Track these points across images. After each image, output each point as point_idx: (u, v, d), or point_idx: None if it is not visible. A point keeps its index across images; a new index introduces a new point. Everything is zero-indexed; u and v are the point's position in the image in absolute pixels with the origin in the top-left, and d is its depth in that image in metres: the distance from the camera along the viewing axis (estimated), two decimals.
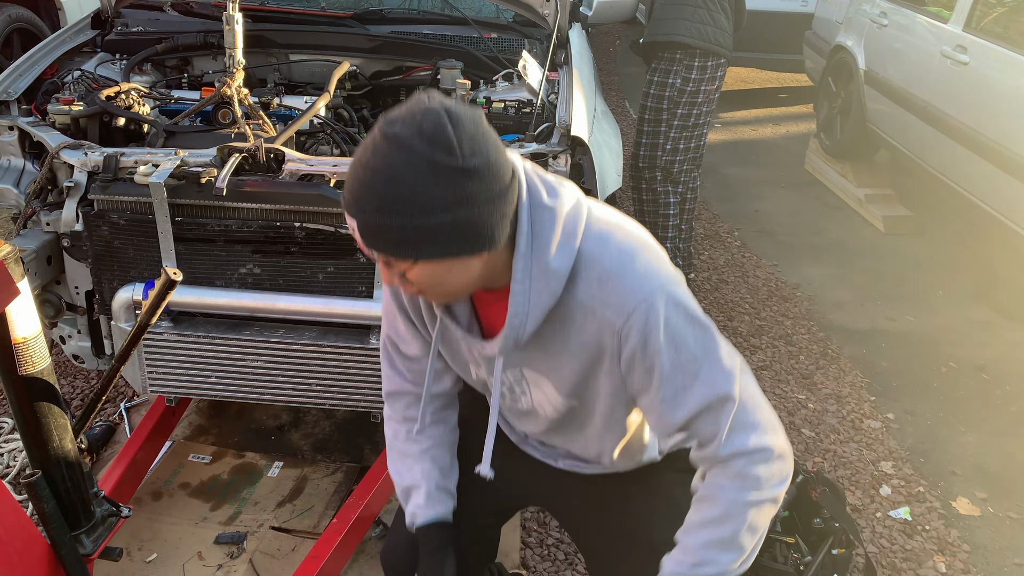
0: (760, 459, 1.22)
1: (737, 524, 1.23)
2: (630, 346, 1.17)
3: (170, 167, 2.00)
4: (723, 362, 1.20)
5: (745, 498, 1.22)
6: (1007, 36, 3.90)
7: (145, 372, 2.13)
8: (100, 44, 2.86)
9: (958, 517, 2.58)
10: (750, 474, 1.22)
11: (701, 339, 1.18)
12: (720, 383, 1.19)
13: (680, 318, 1.17)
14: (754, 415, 1.22)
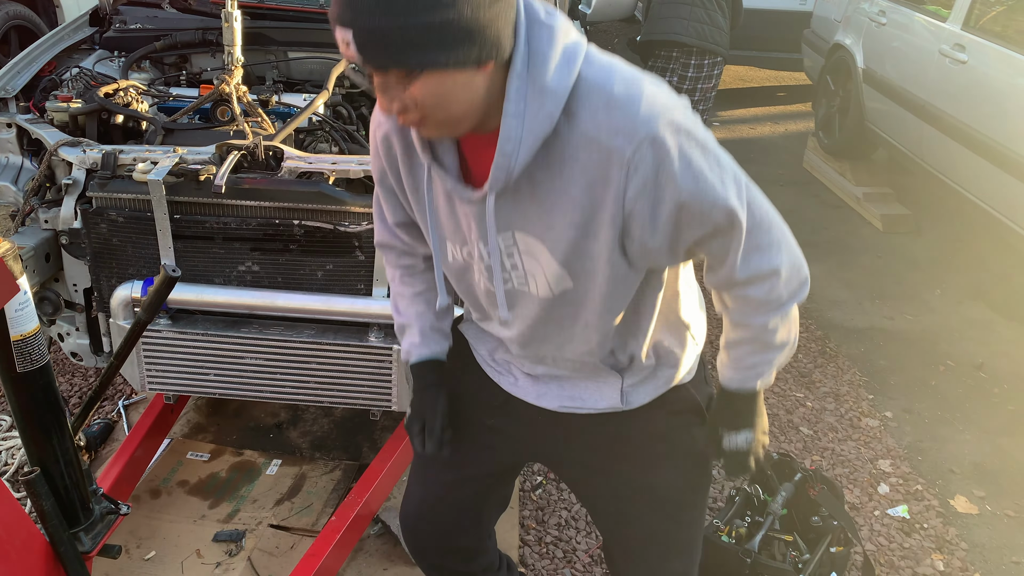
0: (778, 280, 1.23)
1: (771, 336, 1.30)
2: (639, 178, 1.09)
3: (169, 164, 1.99)
4: (736, 184, 1.16)
5: (772, 318, 1.27)
6: (1005, 35, 3.90)
7: (143, 370, 2.13)
8: (98, 41, 2.85)
9: (956, 515, 2.59)
10: (770, 299, 1.25)
11: (715, 165, 1.13)
12: (732, 204, 1.15)
13: (693, 145, 1.11)
14: (768, 234, 1.21)
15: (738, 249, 1.19)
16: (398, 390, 2.10)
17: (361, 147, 2.38)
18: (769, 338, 1.31)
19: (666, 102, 1.10)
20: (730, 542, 2.11)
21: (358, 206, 2.02)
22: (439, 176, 1.19)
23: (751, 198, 1.19)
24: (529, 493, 2.56)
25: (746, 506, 2.26)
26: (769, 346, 1.32)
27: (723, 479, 2.66)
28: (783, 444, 2.87)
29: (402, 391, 2.10)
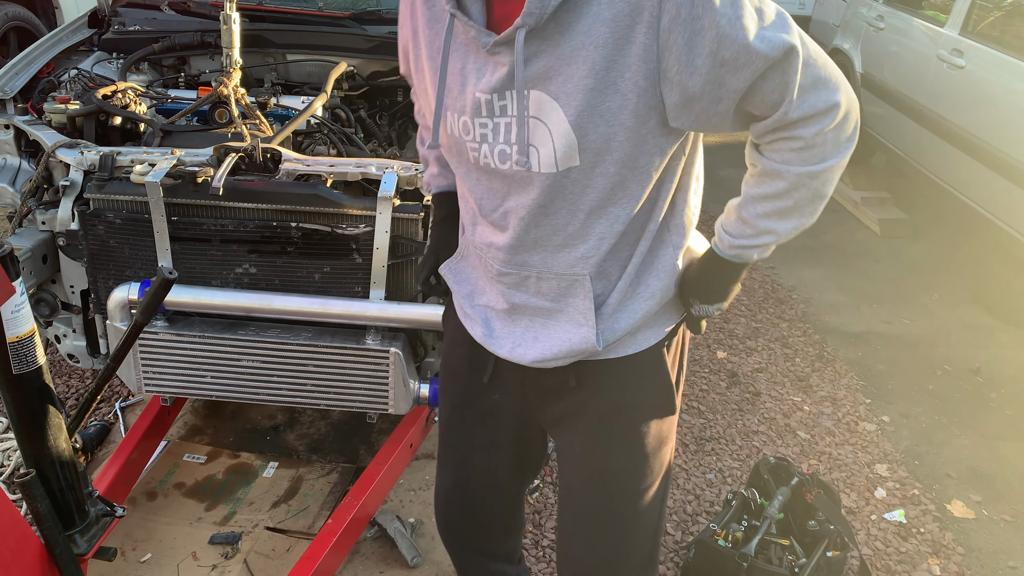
0: (831, 120, 1.14)
1: (802, 194, 1.19)
2: (672, 4, 1.04)
3: (166, 166, 1.99)
4: (779, 13, 1.10)
5: (814, 169, 1.17)
6: (1003, 40, 3.91)
7: (140, 372, 2.13)
8: (97, 43, 2.86)
9: (953, 520, 2.59)
10: (819, 142, 1.15)
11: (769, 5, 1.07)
12: (785, 33, 1.08)
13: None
14: (823, 68, 1.12)
15: (794, 84, 1.10)
16: (395, 393, 2.10)
17: (359, 150, 2.39)
18: (798, 196, 1.19)
19: None
20: (726, 546, 2.11)
21: (356, 208, 2.02)
22: (461, 25, 1.16)
23: (800, 31, 1.11)
24: (527, 496, 2.56)
25: (743, 510, 2.26)
26: (791, 211, 1.21)
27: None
28: (780, 448, 2.87)
29: (398, 394, 2.10)
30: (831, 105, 1.13)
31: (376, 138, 2.64)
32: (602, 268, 1.28)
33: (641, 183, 1.21)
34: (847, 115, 1.15)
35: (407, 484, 2.57)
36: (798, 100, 1.12)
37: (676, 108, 1.13)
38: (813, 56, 1.12)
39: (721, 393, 3.17)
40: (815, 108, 1.13)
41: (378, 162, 2.09)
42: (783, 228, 1.23)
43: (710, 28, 1.05)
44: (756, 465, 2.43)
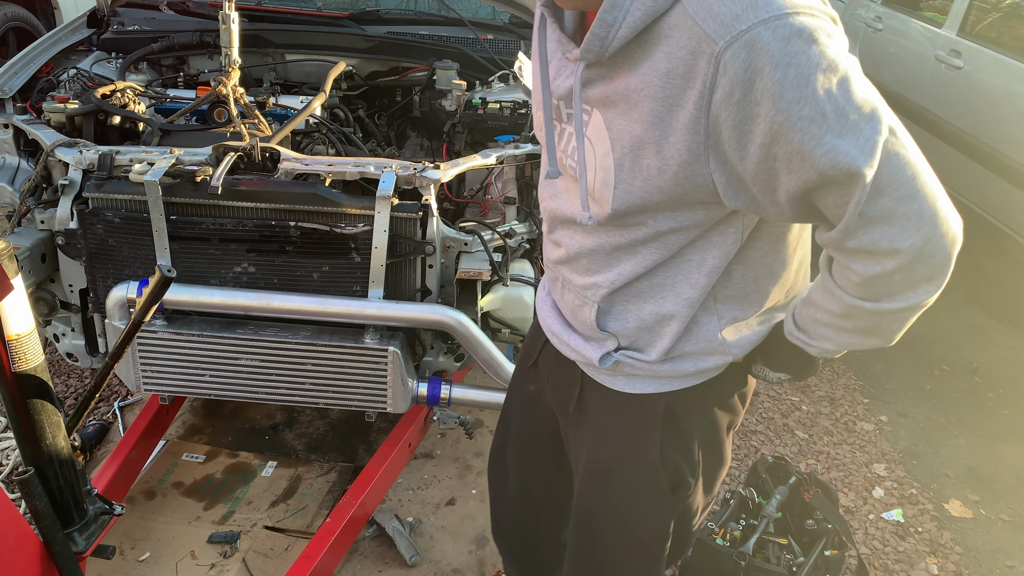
0: (892, 264, 0.96)
1: (861, 323, 1.05)
2: (728, 80, 0.91)
3: (165, 165, 2.00)
4: (870, 125, 0.91)
5: (871, 306, 1.02)
6: (1001, 41, 3.92)
7: (139, 371, 2.13)
8: (96, 42, 2.86)
9: (950, 519, 2.59)
10: (880, 282, 0.98)
11: (841, 95, 0.90)
12: (851, 152, 0.91)
13: (812, 59, 0.89)
14: (903, 203, 0.93)
15: (854, 211, 0.94)
16: (393, 391, 2.10)
17: (358, 149, 2.39)
18: (857, 323, 1.06)
19: (798, 0, 0.90)
20: (724, 545, 2.11)
21: (354, 208, 2.02)
22: (551, 31, 1.12)
23: (891, 151, 0.92)
24: None
25: (741, 509, 2.27)
26: (850, 331, 1.08)
27: None
28: (778, 448, 2.87)
29: (397, 392, 2.10)
30: (894, 250, 0.96)
31: (375, 138, 2.65)
32: (615, 303, 1.21)
33: (675, 241, 1.11)
34: (920, 258, 0.96)
35: (406, 483, 2.57)
36: (856, 229, 0.96)
37: (726, 188, 1.02)
38: (895, 182, 0.93)
39: None
40: (875, 245, 0.96)
41: (376, 161, 2.09)
42: (842, 342, 1.10)
43: (766, 118, 0.93)
44: (754, 464, 2.43)
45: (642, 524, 1.33)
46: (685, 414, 1.25)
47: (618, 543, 1.37)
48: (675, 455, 1.26)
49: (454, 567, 2.28)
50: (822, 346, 1.13)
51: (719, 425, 1.29)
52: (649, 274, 1.16)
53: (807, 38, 0.89)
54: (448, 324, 2.02)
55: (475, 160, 2.18)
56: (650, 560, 1.38)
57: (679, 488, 1.29)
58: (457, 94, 2.55)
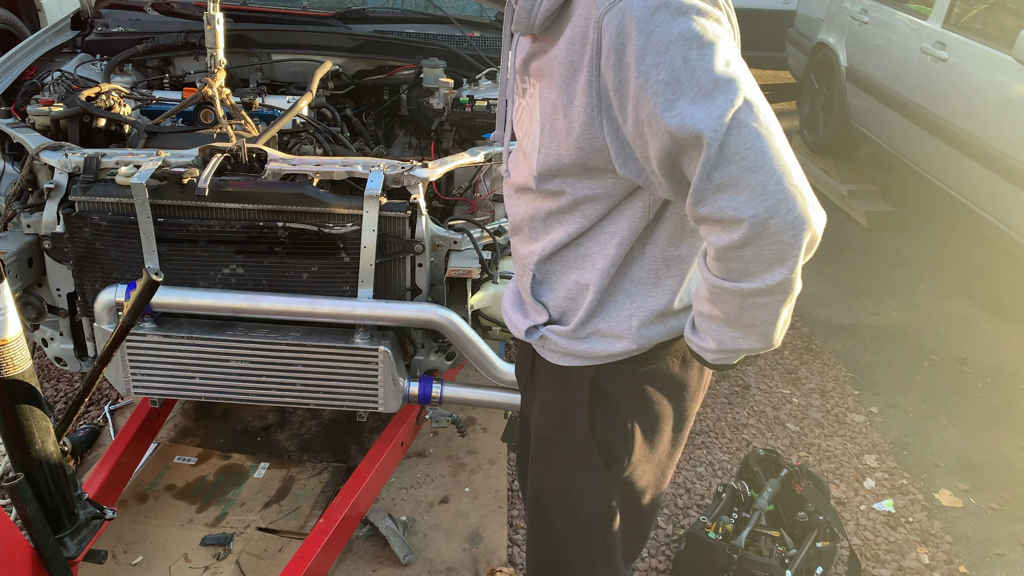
0: (738, 235, 0.98)
1: (727, 310, 1.07)
2: (607, 45, 1.00)
3: (152, 168, 1.99)
4: (725, 94, 0.96)
5: (729, 285, 1.04)
6: (985, 32, 3.94)
7: (128, 374, 2.12)
8: (80, 45, 2.84)
9: (941, 509, 2.61)
10: (729, 256, 1.01)
11: (700, 64, 0.96)
12: (698, 116, 0.96)
13: (676, 30, 0.96)
14: (749, 173, 0.96)
15: (702, 175, 0.99)
16: (384, 391, 2.10)
17: (345, 149, 2.38)
18: (720, 310, 1.08)
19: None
20: (717, 538, 2.12)
21: (342, 207, 2.02)
22: (508, 17, 1.23)
23: (742, 122, 0.96)
24: (518, 492, 2.57)
25: (733, 502, 2.28)
26: (716, 319, 1.10)
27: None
28: (770, 440, 2.89)
29: (388, 392, 2.10)
30: (735, 219, 0.98)
31: (363, 137, 2.64)
32: (547, 272, 1.27)
33: (592, 210, 1.18)
34: (765, 232, 0.97)
35: (399, 482, 2.57)
36: (705, 195, 1.00)
37: (617, 153, 1.08)
38: (743, 151, 0.96)
39: (710, 387, 3.18)
40: (722, 213, 0.99)
41: (364, 161, 2.09)
42: (722, 338, 1.11)
43: (633, 82, 1.00)
44: (746, 457, 2.44)
45: (582, 500, 1.36)
46: (612, 387, 1.29)
47: (564, 521, 1.40)
48: (605, 427, 1.30)
49: (448, 565, 2.28)
50: (705, 344, 1.15)
51: (655, 403, 1.29)
52: (575, 243, 1.23)
53: (674, 10, 0.97)
54: (438, 323, 2.02)
55: (463, 158, 2.18)
56: (598, 539, 1.39)
57: (613, 463, 1.31)
58: (444, 92, 2.55)
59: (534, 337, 1.32)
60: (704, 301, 1.12)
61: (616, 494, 1.35)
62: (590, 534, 1.39)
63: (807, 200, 0.99)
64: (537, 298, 1.30)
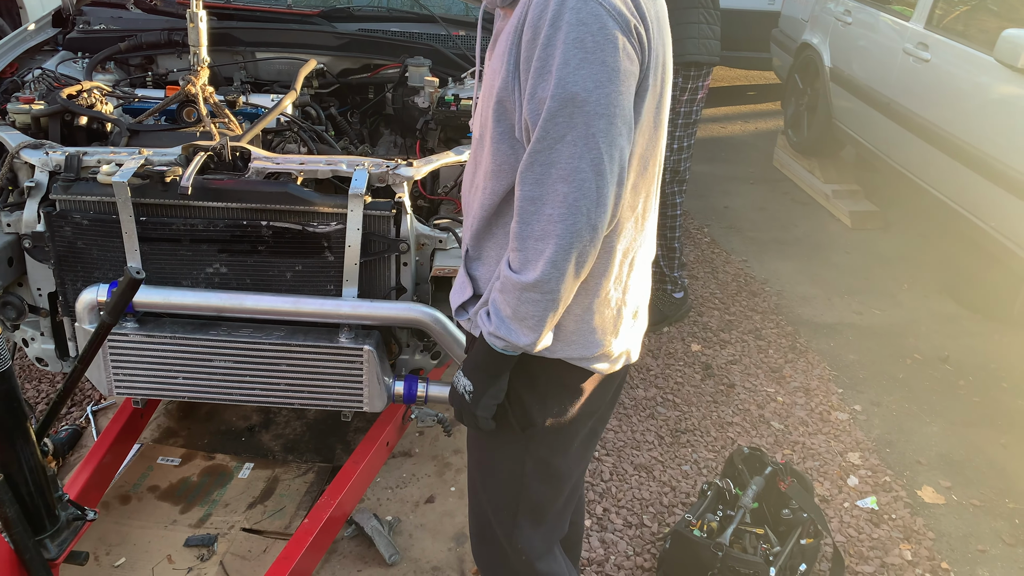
0: (521, 212, 1.20)
1: (497, 289, 1.26)
2: (531, 17, 1.16)
3: (134, 166, 1.97)
4: (572, 99, 1.14)
5: (504, 266, 1.25)
6: (967, 33, 3.98)
7: (111, 374, 2.10)
8: (61, 42, 2.82)
9: (923, 505, 2.63)
10: (512, 239, 1.22)
11: (576, 57, 1.13)
12: (545, 97, 1.15)
13: (576, 25, 1.13)
14: (544, 169, 1.17)
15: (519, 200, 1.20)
16: (369, 390, 2.09)
17: (330, 147, 2.38)
18: (498, 289, 1.26)
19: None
20: (702, 536, 2.13)
21: (326, 206, 2.01)
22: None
23: (575, 136, 1.14)
24: None
25: (717, 500, 2.29)
26: (495, 302, 1.27)
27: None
28: (754, 439, 2.90)
29: (373, 391, 2.09)
30: (528, 197, 1.20)
31: (347, 135, 2.63)
32: (478, 246, 1.37)
33: (502, 179, 1.28)
34: (528, 236, 1.20)
35: (384, 482, 2.56)
36: (521, 168, 1.21)
37: (518, 118, 1.23)
38: (551, 152, 1.16)
39: (696, 385, 3.19)
40: (521, 191, 1.21)
41: (348, 159, 2.08)
42: (497, 312, 1.28)
43: (529, 58, 1.18)
44: (730, 455, 2.45)
45: (498, 459, 1.49)
46: (535, 361, 1.36)
47: (483, 479, 1.53)
48: (524, 393, 1.39)
49: (434, 565, 2.28)
50: (489, 318, 1.30)
51: (574, 386, 1.40)
52: (500, 217, 1.35)
53: (587, 12, 1.12)
54: (424, 322, 2.02)
55: (448, 157, 2.18)
56: (511, 500, 1.50)
57: (528, 427, 1.42)
58: (430, 91, 2.55)
59: (463, 318, 1.43)
60: (496, 289, 1.32)
61: (529, 459, 1.46)
62: (504, 494, 1.51)
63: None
64: (470, 272, 1.40)
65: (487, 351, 1.30)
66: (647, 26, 1.19)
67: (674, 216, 3.56)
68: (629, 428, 2.91)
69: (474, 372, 1.34)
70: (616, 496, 2.58)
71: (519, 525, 1.53)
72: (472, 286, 1.40)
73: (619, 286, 1.35)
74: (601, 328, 1.35)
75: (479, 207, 1.34)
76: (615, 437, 2.85)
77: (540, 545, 1.56)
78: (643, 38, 1.18)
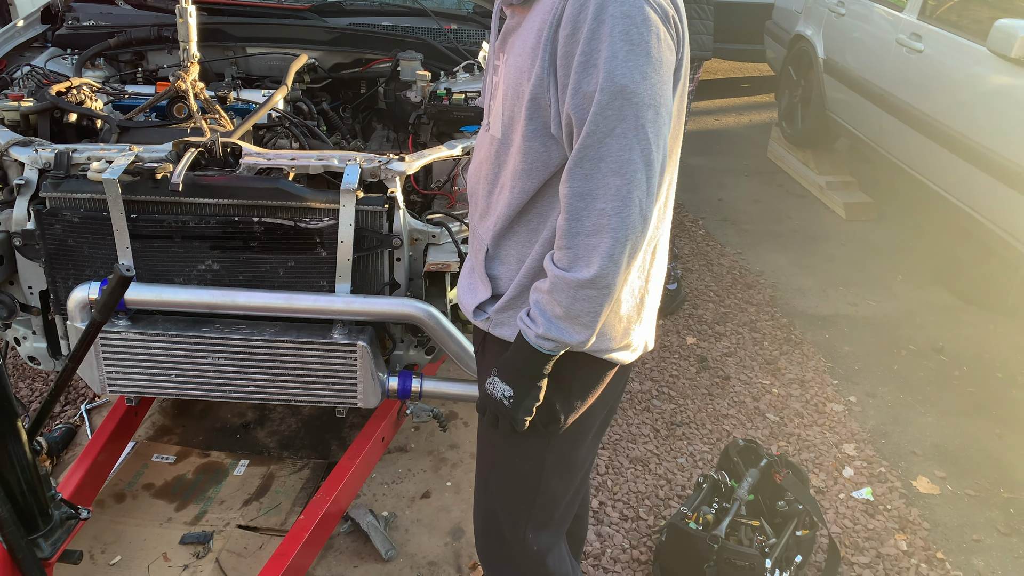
0: (573, 207, 1.18)
1: (546, 288, 1.24)
2: (569, 13, 1.15)
3: (124, 163, 1.96)
4: (624, 96, 1.13)
5: (552, 266, 1.23)
6: (960, 24, 3.97)
7: (103, 372, 2.10)
8: (51, 38, 2.80)
9: (918, 496, 2.64)
10: (561, 238, 1.21)
11: (627, 54, 1.12)
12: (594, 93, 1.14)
13: (621, 20, 1.12)
14: (597, 165, 1.16)
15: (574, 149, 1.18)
16: (363, 386, 2.09)
17: (322, 142, 2.36)
18: (545, 290, 1.24)
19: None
20: (697, 528, 2.13)
21: (318, 202, 2.00)
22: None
23: (625, 128, 1.14)
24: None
25: (713, 492, 2.29)
26: (541, 303, 1.25)
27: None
28: (750, 431, 2.90)
29: (367, 387, 2.09)
30: (578, 193, 1.18)
31: (339, 130, 2.62)
32: (499, 246, 1.36)
33: (533, 177, 1.27)
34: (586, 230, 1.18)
35: (380, 478, 2.56)
36: (568, 168, 1.20)
37: (555, 115, 1.22)
38: (602, 147, 1.15)
39: (691, 378, 3.19)
40: (568, 190, 1.20)
41: (340, 154, 2.07)
42: (544, 316, 1.24)
43: (575, 56, 1.16)
44: (726, 448, 2.45)
45: (517, 456, 1.47)
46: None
47: (497, 477, 1.51)
48: (547, 387, 1.35)
49: (430, 560, 2.28)
50: (532, 319, 1.27)
51: (594, 380, 1.40)
52: (524, 216, 1.34)
53: (631, 6, 1.13)
54: (417, 317, 2.01)
55: (441, 151, 2.17)
56: (525, 495, 1.49)
57: (551, 423, 1.41)
58: (422, 85, 2.54)
59: (481, 318, 1.41)
60: (538, 291, 1.29)
61: (550, 454, 1.45)
62: (521, 490, 1.49)
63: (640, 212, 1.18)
64: (489, 272, 1.38)
65: (531, 355, 1.28)
66: (681, 17, 1.21)
67: None
68: (625, 421, 2.91)
69: (515, 377, 1.31)
70: (612, 489, 2.58)
71: (533, 521, 1.52)
72: (491, 286, 1.38)
73: (642, 274, 1.35)
74: (627, 317, 1.35)
75: (505, 206, 1.32)
76: (611, 430, 2.85)
77: (550, 540, 1.56)
78: (679, 28, 1.20)
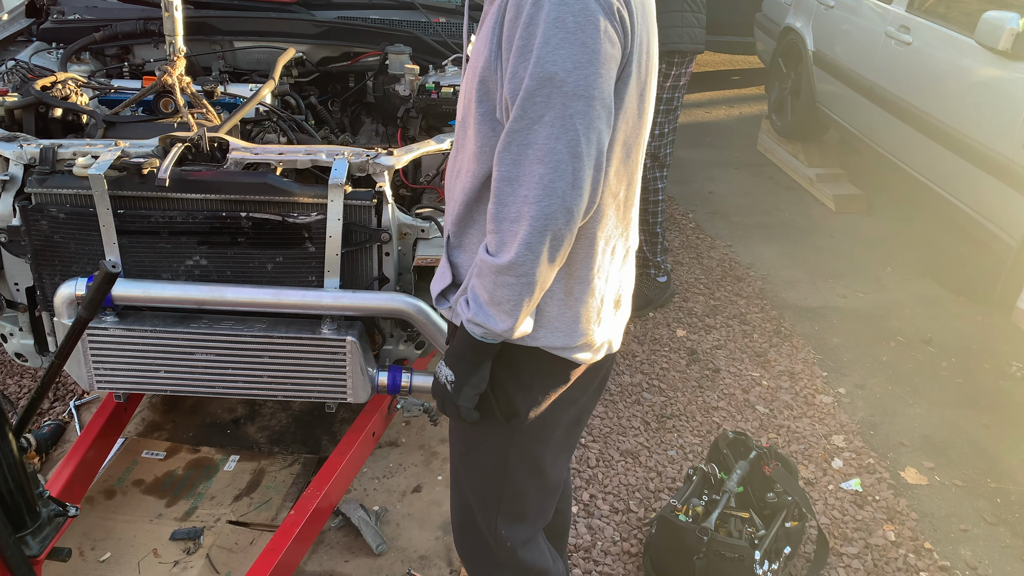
0: (499, 194, 1.19)
1: (481, 293, 1.24)
2: (512, 1, 1.16)
3: (110, 158, 1.95)
4: (552, 80, 1.13)
5: (482, 251, 1.24)
6: (948, 16, 3.98)
7: (91, 368, 2.09)
8: (35, 32, 2.78)
9: (906, 486, 2.65)
10: (491, 221, 1.21)
11: (559, 38, 1.12)
12: (525, 76, 1.14)
13: (560, 10, 1.12)
14: (523, 148, 1.16)
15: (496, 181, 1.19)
16: (353, 381, 2.08)
17: (310, 137, 2.35)
18: (475, 275, 1.25)
19: None
20: (687, 521, 2.14)
21: (306, 196, 1.99)
22: None
23: (553, 117, 1.14)
24: None
25: (703, 485, 2.30)
26: (473, 288, 1.26)
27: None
28: (739, 423, 2.91)
29: (357, 382, 2.09)
30: (505, 177, 1.18)
31: (328, 125, 2.61)
32: (460, 232, 1.36)
33: (483, 162, 1.27)
34: (510, 215, 1.18)
35: (370, 472, 2.56)
36: (499, 148, 1.20)
37: (500, 99, 1.23)
38: (528, 132, 1.15)
39: (681, 371, 3.20)
40: (497, 171, 1.20)
41: (328, 149, 2.06)
42: (475, 299, 1.25)
43: (514, 39, 1.17)
44: (715, 440, 2.46)
45: (481, 449, 1.48)
46: (518, 350, 1.35)
47: (467, 470, 1.52)
48: (508, 382, 1.38)
49: (421, 554, 2.28)
50: (467, 306, 1.28)
51: (558, 375, 1.39)
52: (479, 202, 1.33)
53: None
54: (407, 312, 2.01)
55: (429, 145, 2.16)
56: (492, 489, 1.50)
57: (513, 417, 1.40)
58: (410, 79, 2.53)
59: (444, 306, 1.42)
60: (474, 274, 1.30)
61: (514, 449, 1.45)
62: (488, 484, 1.50)
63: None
64: (451, 259, 1.39)
65: (467, 339, 1.29)
66: (631, 11, 1.17)
67: (656, 201, 3.56)
68: (615, 414, 2.91)
69: (455, 361, 1.33)
70: (602, 482, 2.59)
71: (503, 514, 1.53)
72: (452, 273, 1.39)
73: (602, 275, 1.34)
74: (584, 317, 1.34)
75: (461, 191, 1.32)
76: (601, 424, 2.86)
77: (523, 534, 1.56)
78: (627, 23, 1.17)
